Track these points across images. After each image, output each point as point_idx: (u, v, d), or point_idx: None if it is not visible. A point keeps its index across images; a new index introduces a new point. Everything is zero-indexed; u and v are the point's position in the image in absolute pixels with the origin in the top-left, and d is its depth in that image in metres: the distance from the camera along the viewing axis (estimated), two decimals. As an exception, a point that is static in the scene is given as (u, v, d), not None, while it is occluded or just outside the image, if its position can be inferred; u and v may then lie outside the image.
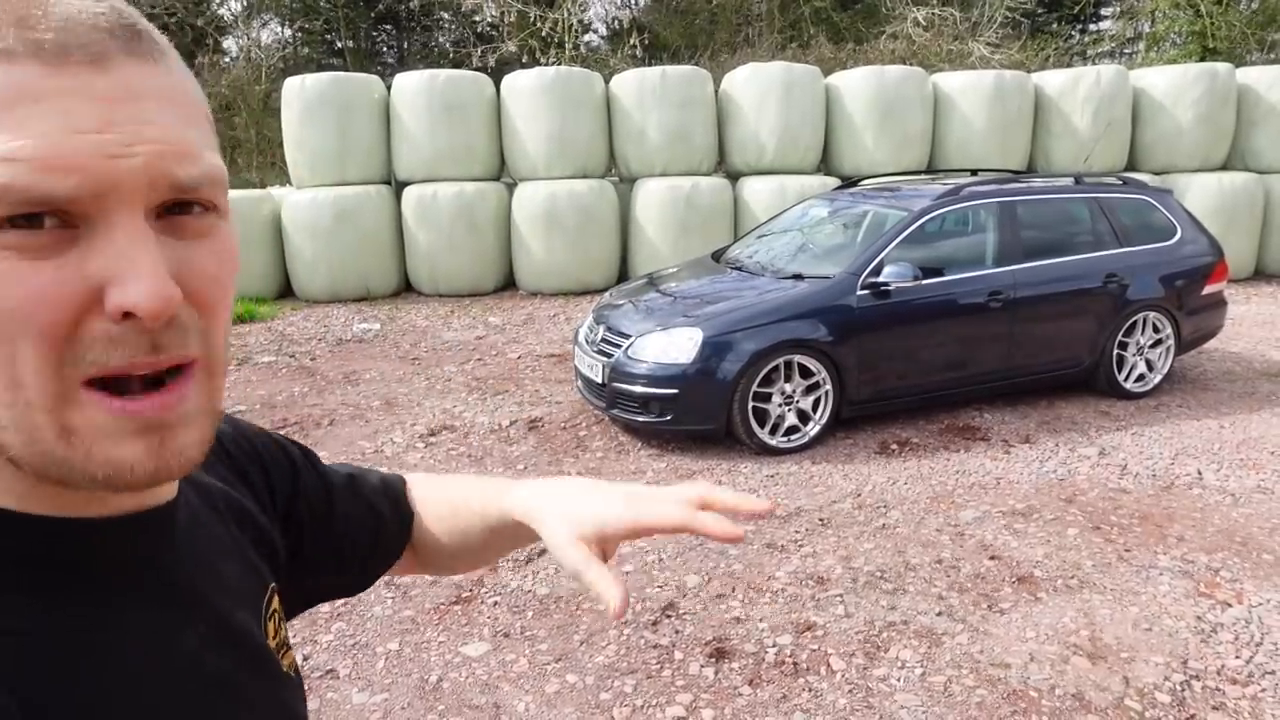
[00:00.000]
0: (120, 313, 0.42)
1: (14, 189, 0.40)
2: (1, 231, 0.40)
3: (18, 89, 0.41)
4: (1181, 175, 9.32)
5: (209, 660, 0.55)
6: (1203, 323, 5.77)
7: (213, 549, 0.60)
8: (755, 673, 2.85)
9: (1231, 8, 14.63)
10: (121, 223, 0.43)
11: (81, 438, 0.44)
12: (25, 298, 0.41)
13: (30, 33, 0.41)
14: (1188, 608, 3.19)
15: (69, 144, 0.41)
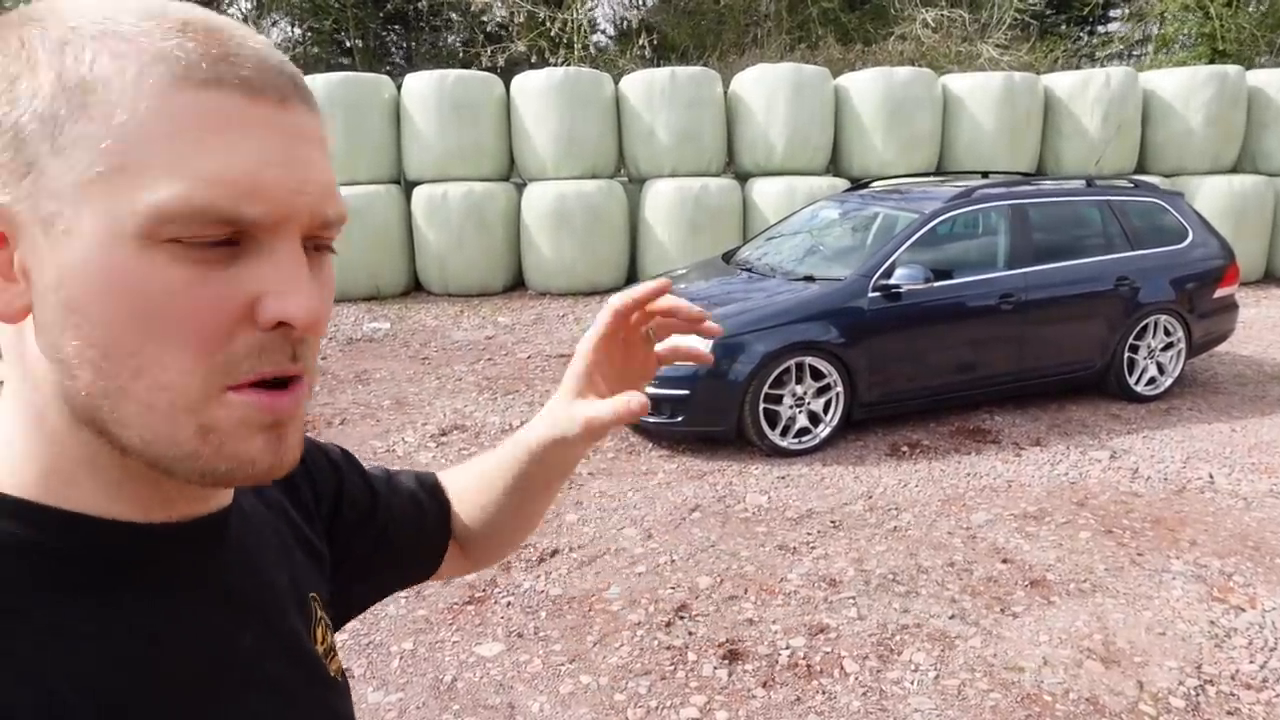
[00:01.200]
0: (275, 322, 0.46)
1: (214, 209, 0.44)
2: (181, 243, 0.44)
3: (225, 115, 0.45)
4: (1192, 177, 9.30)
5: (262, 664, 0.57)
6: (1214, 326, 5.77)
7: (263, 556, 0.62)
8: (769, 675, 2.86)
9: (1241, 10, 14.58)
10: (286, 245, 0.47)
11: (218, 434, 0.47)
12: (192, 306, 0.45)
13: (234, 67, 0.45)
14: (1201, 612, 3.19)
15: (264, 175, 0.45)
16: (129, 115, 0.43)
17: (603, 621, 3.18)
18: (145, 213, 0.43)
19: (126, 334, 0.44)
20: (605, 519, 3.98)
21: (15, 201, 0.45)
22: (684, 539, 3.79)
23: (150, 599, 0.51)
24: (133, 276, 0.44)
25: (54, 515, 0.48)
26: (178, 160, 0.43)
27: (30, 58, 0.44)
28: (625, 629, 3.13)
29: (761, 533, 3.85)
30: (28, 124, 0.44)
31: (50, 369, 0.46)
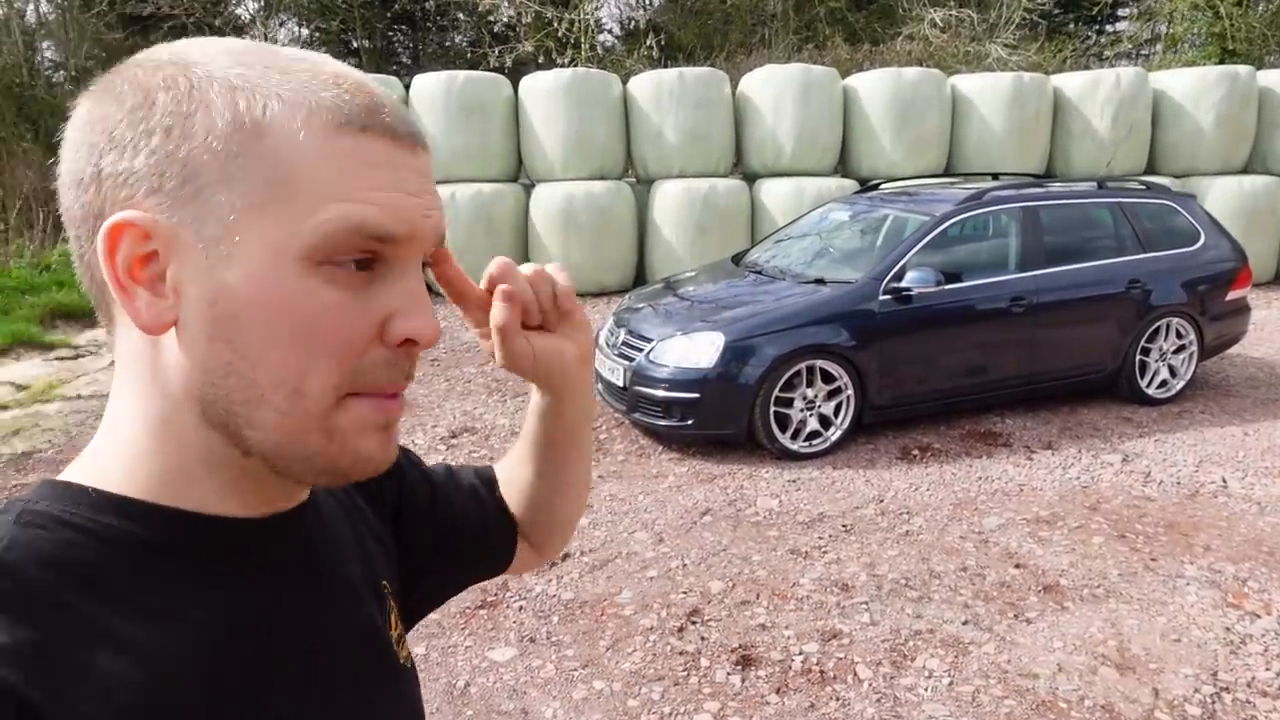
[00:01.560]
0: (403, 339, 0.53)
1: (370, 225, 0.50)
2: (336, 267, 0.50)
3: (377, 154, 0.52)
4: (1202, 178, 9.25)
5: (342, 650, 0.62)
6: (1226, 329, 5.74)
7: (339, 546, 0.67)
8: (782, 680, 2.86)
9: (1251, 9, 14.51)
10: (412, 269, 0.54)
11: (343, 434, 0.53)
12: (342, 325, 0.51)
13: (381, 117, 0.52)
14: (1216, 618, 3.17)
15: (407, 202, 0.52)
16: (297, 154, 0.49)
17: (615, 626, 3.17)
18: (310, 233, 0.49)
19: (280, 347, 0.50)
20: (616, 523, 3.98)
21: (180, 223, 0.50)
22: (695, 543, 3.79)
23: (246, 588, 0.56)
24: (293, 296, 0.49)
25: (164, 513, 0.53)
26: (338, 188, 0.50)
27: (203, 97, 0.50)
28: (638, 634, 3.12)
29: (773, 537, 3.84)
30: (200, 154, 0.49)
31: (189, 378, 0.51)
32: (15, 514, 0.51)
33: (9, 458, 4.79)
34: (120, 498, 0.53)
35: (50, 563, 0.49)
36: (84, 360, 6.95)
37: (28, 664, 0.44)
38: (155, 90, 0.50)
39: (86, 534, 0.51)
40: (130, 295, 0.50)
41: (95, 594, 0.49)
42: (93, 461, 0.55)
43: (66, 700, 0.45)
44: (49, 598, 0.48)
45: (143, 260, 0.50)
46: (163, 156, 0.49)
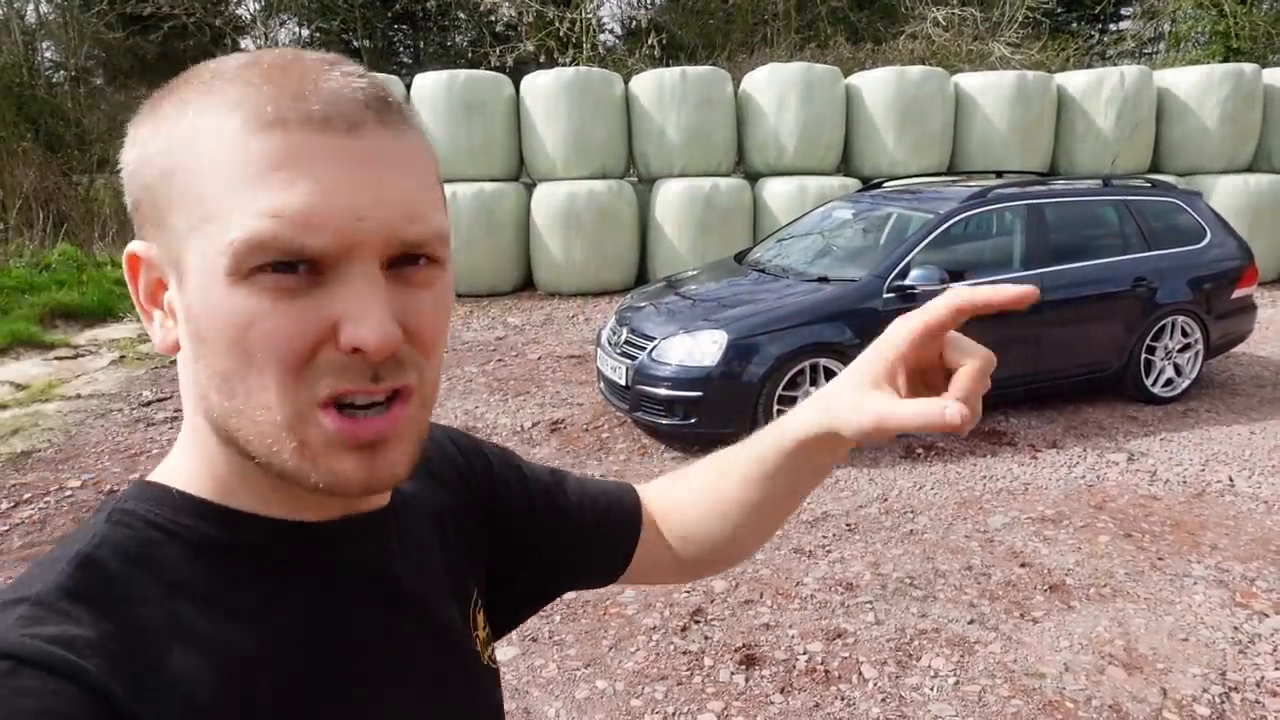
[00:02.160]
0: (350, 347, 0.49)
1: (277, 241, 0.47)
2: (264, 275, 0.48)
3: (286, 153, 0.48)
4: (1207, 176, 9.21)
5: (420, 653, 0.61)
6: (1231, 327, 5.70)
7: (421, 550, 0.66)
8: (786, 680, 2.83)
9: (1256, 7, 14.47)
10: (359, 272, 0.49)
11: (312, 450, 0.51)
12: (276, 331, 0.48)
13: (303, 104, 0.48)
14: (1224, 618, 3.14)
15: (321, 205, 0.48)
16: (213, 164, 0.48)
17: (618, 626, 3.15)
18: (226, 252, 0.47)
19: (231, 360, 0.49)
20: (618, 521, 3.95)
21: (156, 248, 0.52)
22: (698, 542, 3.75)
23: (323, 589, 0.56)
24: (226, 309, 0.48)
25: (239, 516, 0.55)
26: (247, 201, 0.47)
27: (162, 116, 0.51)
28: (641, 633, 3.10)
29: (777, 536, 3.81)
30: (154, 179, 0.50)
31: (195, 393, 0.53)
32: (107, 513, 0.54)
33: (8, 457, 4.77)
34: (199, 500, 0.54)
35: (135, 560, 0.51)
36: (83, 360, 6.93)
37: (110, 657, 0.46)
38: (149, 112, 0.52)
39: (169, 534, 0.53)
40: (149, 318, 0.54)
41: (176, 592, 0.51)
42: (173, 461, 0.57)
43: (145, 694, 0.46)
44: (133, 594, 0.49)
45: (157, 286, 0.53)
46: (139, 186, 0.51)
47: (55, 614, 0.46)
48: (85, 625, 0.46)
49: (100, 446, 4.96)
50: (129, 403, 5.78)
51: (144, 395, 5.92)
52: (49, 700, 0.42)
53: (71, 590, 0.48)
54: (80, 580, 0.49)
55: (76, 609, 0.47)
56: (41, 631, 0.45)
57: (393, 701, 0.58)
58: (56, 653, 0.44)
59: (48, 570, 0.49)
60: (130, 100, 13.39)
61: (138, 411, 5.60)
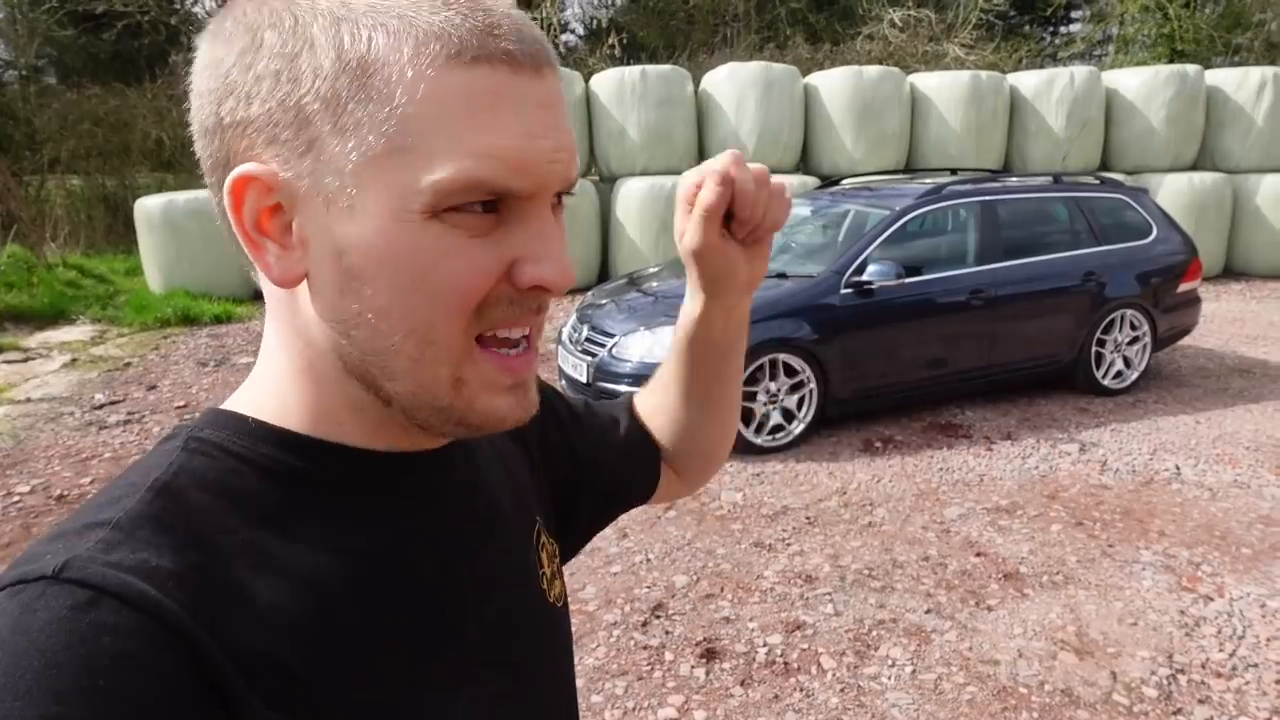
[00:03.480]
0: (533, 285, 0.50)
1: (488, 182, 0.47)
2: (458, 214, 0.47)
3: (493, 92, 0.47)
4: (1153, 175, 9.45)
5: (493, 588, 0.61)
6: (1178, 320, 5.86)
7: (491, 483, 0.66)
8: (746, 673, 2.85)
9: (1198, 11, 14.86)
10: (540, 212, 0.50)
11: (470, 389, 0.51)
12: (464, 271, 0.48)
13: (499, 41, 0.47)
14: (1171, 602, 3.23)
15: (530, 149, 0.48)
16: (407, 96, 0.46)
17: (578, 622, 3.15)
18: (428, 191, 0.46)
19: (406, 298, 0.48)
20: (580, 519, 3.95)
21: (298, 177, 0.48)
22: (660, 537, 3.77)
23: (399, 520, 0.56)
24: (415, 248, 0.47)
25: (319, 446, 0.54)
26: (454, 140, 0.46)
27: (306, 34, 0.47)
28: (601, 629, 3.10)
29: (737, 530, 3.84)
30: (310, 103, 0.46)
31: (325, 327, 0.51)
32: (183, 440, 0.52)
33: (-48, 463, 4.64)
34: (278, 429, 0.53)
35: (213, 489, 0.50)
36: (34, 363, 6.76)
37: (193, 590, 0.45)
38: (261, 29, 0.47)
39: (247, 463, 0.52)
40: (260, 249, 0.50)
41: (255, 520, 0.50)
42: (251, 392, 0.56)
43: (228, 628, 0.45)
44: (213, 524, 0.48)
45: (270, 212, 0.49)
46: (275, 104, 0.47)
47: (136, 542, 0.45)
48: (167, 556, 0.45)
49: (50, 451, 4.85)
50: (81, 406, 5.65)
51: (96, 398, 5.79)
52: (129, 642, 0.41)
53: (152, 518, 0.46)
54: (161, 509, 0.47)
55: (159, 538, 0.46)
56: (123, 560, 0.43)
57: (468, 634, 0.58)
58: (138, 585, 0.42)
59: (124, 497, 0.48)
60: (83, 99, 13.08)
61: (90, 415, 5.47)
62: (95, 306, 8.58)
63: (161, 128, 12.80)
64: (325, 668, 0.48)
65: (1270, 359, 6.41)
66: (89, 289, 9.17)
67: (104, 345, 7.41)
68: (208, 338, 7.57)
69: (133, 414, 5.48)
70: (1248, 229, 9.54)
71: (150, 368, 6.61)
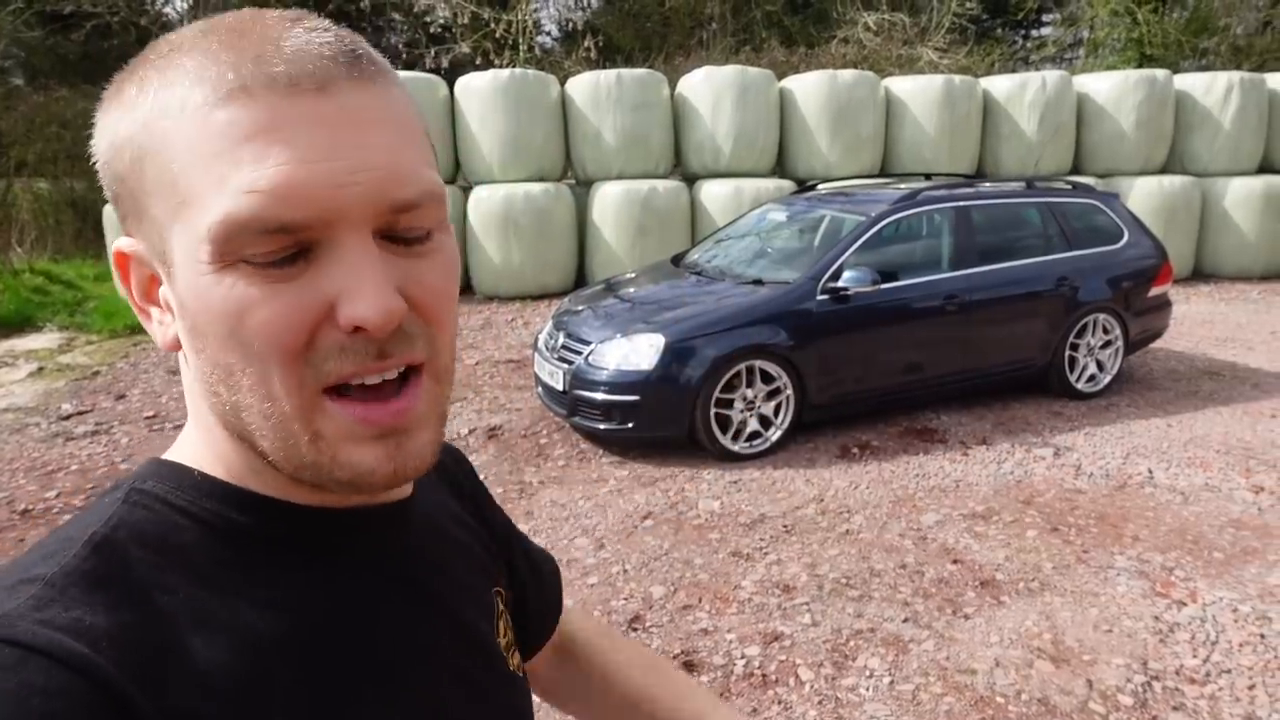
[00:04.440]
0: (351, 326, 0.46)
1: (258, 219, 0.44)
2: (247, 261, 0.45)
3: (255, 122, 0.44)
4: (1124, 178, 9.56)
5: (446, 653, 0.59)
6: (1149, 323, 5.92)
7: (444, 549, 0.64)
8: (725, 685, 2.83)
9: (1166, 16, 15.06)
10: (349, 243, 0.46)
11: (328, 442, 0.48)
12: (271, 319, 0.45)
13: (266, 67, 0.45)
14: (1145, 608, 3.25)
15: (303, 175, 0.44)
16: (181, 144, 0.44)
17: (556, 636, 3.11)
18: (205, 236, 0.44)
19: (228, 352, 0.46)
20: (556, 529, 3.92)
21: (148, 246, 0.48)
22: (636, 548, 3.75)
23: (347, 579, 0.54)
24: (217, 300, 0.45)
25: (268, 503, 0.52)
26: (219, 181, 0.44)
27: (126, 100, 0.47)
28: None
29: (715, 539, 3.82)
30: (126, 168, 0.47)
31: (200, 390, 0.50)
32: (124, 493, 0.51)
33: (-88, 477, 4.53)
34: (223, 484, 0.52)
35: (153, 543, 0.48)
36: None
37: (126, 648, 0.43)
38: (112, 97, 0.48)
39: (189, 517, 0.50)
40: (147, 317, 0.51)
41: (194, 576, 0.48)
42: (190, 440, 0.55)
43: (162, 688, 0.43)
44: (150, 579, 0.47)
45: (152, 281, 0.50)
46: (113, 177, 0.48)
47: (69, 600, 0.43)
48: (101, 614, 0.43)
49: (15, 463, 4.74)
50: (47, 416, 5.54)
51: (63, 408, 5.68)
52: (58, 703, 0.39)
53: (87, 574, 0.45)
54: (96, 564, 0.46)
55: (92, 595, 0.44)
56: (55, 618, 0.42)
57: (417, 700, 0.56)
58: (69, 644, 0.41)
59: (59, 552, 0.46)
60: (50, 101, 12.86)
61: (56, 425, 5.37)
62: (63, 313, 8.42)
63: (131, 131, 12.59)
64: None
65: (1239, 361, 6.50)
66: (56, 295, 9.00)
67: (72, 353, 7.28)
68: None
69: (101, 424, 5.38)
70: (1216, 231, 9.68)
71: (119, 376, 6.49)
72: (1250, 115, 9.68)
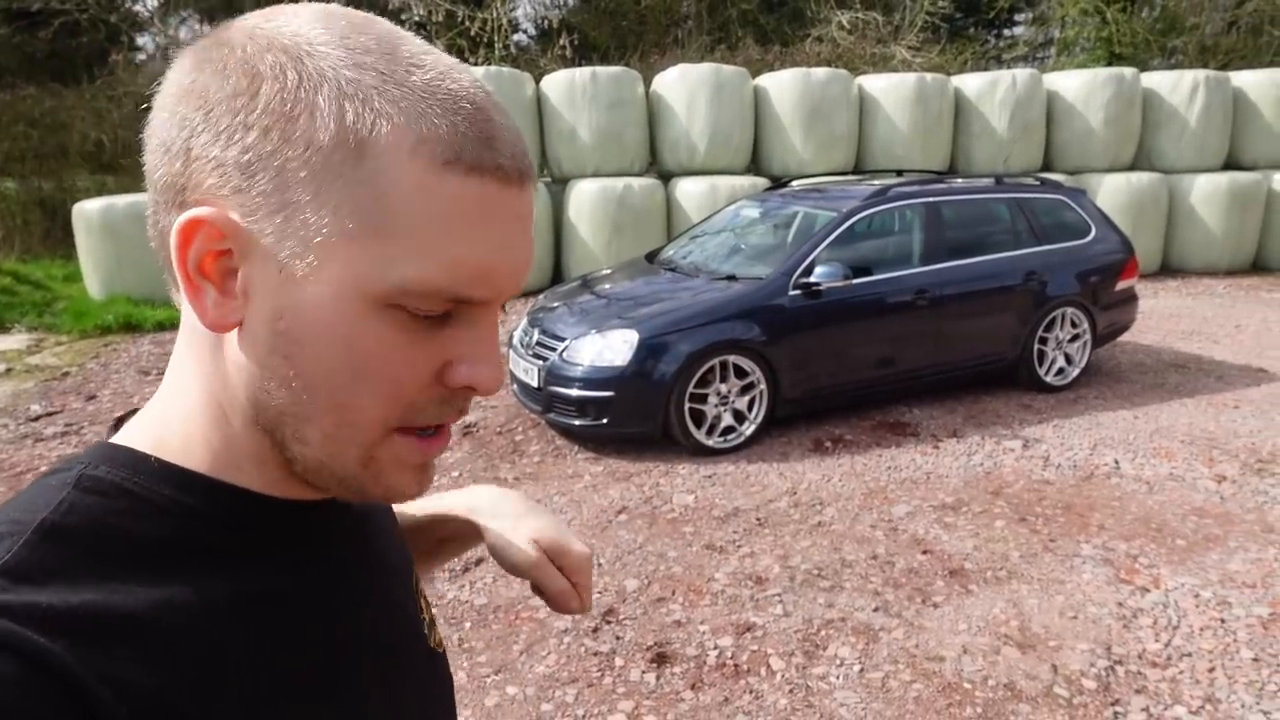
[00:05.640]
0: (467, 385, 0.51)
1: (450, 290, 0.48)
2: (403, 311, 0.48)
3: (480, 203, 0.47)
4: (1093, 175, 9.69)
5: (381, 632, 0.62)
6: (1116, 317, 6.01)
7: (379, 534, 0.68)
8: (697, 676, 2.86)
9: (1135, 15, 15.27)
10: (489, 319, 0.52)
11: (380, 466, 0.52)
12: (401, 366, 0.49)
13: (495, 153, 0.48)
14: (1109, 594, 3.31)
15: (499, 263, 0.49)
16: (397, 189, 0.46)
17: (529, 630, 3.13)
18: (391, 284, 0.47)
19: (335, 376, 0.48)
20: (531, 525, 3.92)
21: (261, 233, 0.47)
22: (611, 542, 3.77)
23: (300, 569, 0.56)
24: (358, 332, 0.47)
25: (224, 490, 0.53)
26: (430, 243, 0.46)
27: (310, 99, 0.46)
28: (552, 637, 3.09)
29: (689, 533, 3.85)
30: (297, 168, 0.46)
31: (247, 377, 0.50)
32: (75, 478, 0.50)
33: (-124, 480, 4.46)
34: (180, 470, 0.52)
35: (107, 530, 0.48)
36: (-37, 374, 6.52)
37: (80, 637, 0.43)
38: (262, 77, 0.46)
39: (144, 503, 0.50)
40: (198, 292, 0.49)
41: (149, 563, 0.48)
42: (152, 426, 0.54)
43: (114, 669, 0.43)
44: (104, 566, 0.47)
45: (215, 256, 0.48)
46: (256, 157, 0.46)
47: (21, 586, 0.43)
48: (54, 602, 0.43)
49: (-20, 466, 4.69)
50: (15, 418, 5.47)
51: (32, 409, 5.61)
52: (10, 692, 0.39)
53: (39, 561, 0.45)
54: (48, 552, 0.45)
55: (45, 582, 0.44)
56: (6, 606, 0.42)
57: (365, 676, 0.58)
58: (21, 632, 0.41)
59: (8, 536, 0.45)
60: (17, 100, 12.67)
61: (25, 427, 5.31)
62: (32, 314, 8.31)
63: (101, 129, 12.46)
64: (216, 712, 0.47)
65: (1204, 354, 6.62)
66: (25, 296, 8.88)
67: (40, 354, 7.18)
68: (150, 345, 7.38)
69: (71, 425, 5.32)
70: (1182, 227, 9.83)
71: (90, 377, 6.42)
72: (1215, 113, 9.84)
